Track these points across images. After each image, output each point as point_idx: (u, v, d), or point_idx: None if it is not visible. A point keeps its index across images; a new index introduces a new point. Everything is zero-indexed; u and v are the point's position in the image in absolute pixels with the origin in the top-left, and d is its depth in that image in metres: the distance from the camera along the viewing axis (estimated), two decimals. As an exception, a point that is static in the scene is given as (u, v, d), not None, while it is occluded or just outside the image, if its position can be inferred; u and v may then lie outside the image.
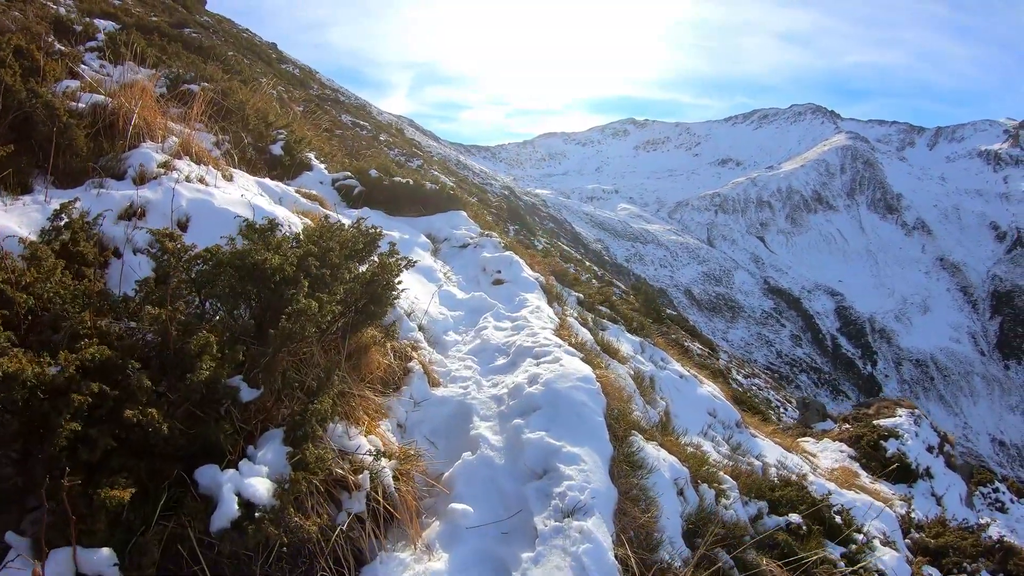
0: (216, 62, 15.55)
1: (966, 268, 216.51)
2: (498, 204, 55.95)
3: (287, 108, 22.40)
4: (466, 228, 13.11)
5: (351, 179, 12.61)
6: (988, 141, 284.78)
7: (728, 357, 52.81)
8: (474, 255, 12.03)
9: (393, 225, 11.69)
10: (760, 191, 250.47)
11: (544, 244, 44.89)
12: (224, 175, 7.76)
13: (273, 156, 11.06)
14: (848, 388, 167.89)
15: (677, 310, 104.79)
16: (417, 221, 12.96)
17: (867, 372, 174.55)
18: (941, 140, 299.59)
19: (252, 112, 11.11)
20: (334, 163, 14.20)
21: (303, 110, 32.08)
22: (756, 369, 65.76)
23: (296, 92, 35.93)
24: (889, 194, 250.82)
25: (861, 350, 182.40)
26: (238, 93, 11.43)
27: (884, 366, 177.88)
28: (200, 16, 36.93)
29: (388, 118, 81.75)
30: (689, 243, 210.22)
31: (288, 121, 12.97)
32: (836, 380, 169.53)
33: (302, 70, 54.85)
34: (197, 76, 11.09)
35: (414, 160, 44.09)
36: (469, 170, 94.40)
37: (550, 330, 8.65)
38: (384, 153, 37.20)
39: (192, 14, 34.47)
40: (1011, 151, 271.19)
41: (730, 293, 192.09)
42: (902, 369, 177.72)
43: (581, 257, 69.18)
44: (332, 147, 17.80)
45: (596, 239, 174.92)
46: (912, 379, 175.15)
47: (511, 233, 40.98)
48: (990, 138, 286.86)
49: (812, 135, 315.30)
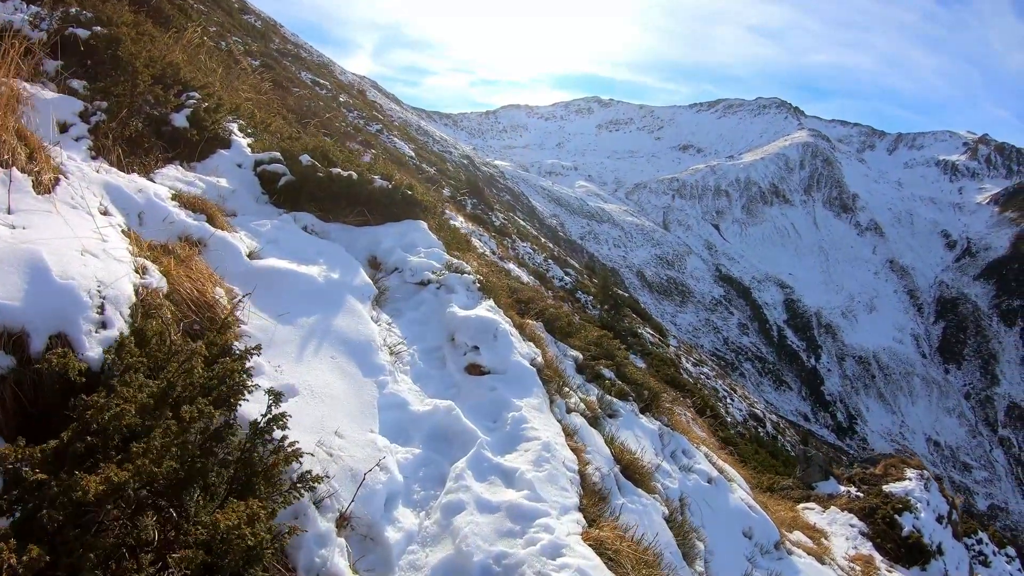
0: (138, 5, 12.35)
1: (915, 272, 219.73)
2: (455, 174, 55.09)
3: (235, 63, 21.17)
4: (426, 249, 9.35)
5: (278, 163, 9.41)
6: (947, 151, 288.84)
7: (677, 343, 52.89)
8: (437, 305, 8.30)
9: (323, 247, 7.99)
10: (719, 179, 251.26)
11: (501, 220, 44.28)
12: (45, 179, 4.85)
13: (175, 129, 8.35)
14: (791, 379, 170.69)
15: (629, 291, 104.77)
16: (359, 233, 9.33)
17: (811, 365, 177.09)
18: (901, 146, 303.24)
19: (145, 67, 8.03)
20: (268, 136, 10.89)
21: (258, 64, 31.21)
22: (703, 356, 66.03)
23: (255, 46, 34.78)
24: (845, 193, 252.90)
25: (806, 343, 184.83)
26: (129, 42, 8.36)
27: (827, 360, 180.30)
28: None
29: (351, 78, 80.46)
30: (644, 225, 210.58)
31: (206, 81, 9.92)
32: (780, 371, 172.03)
33: (265, 23, 53.25)
34: (94, 19, 8.56)
35: (373, 124, 43.17)
36: (430, 136, 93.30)
37: (574, 516, 5.40)
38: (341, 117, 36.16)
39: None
40: (968, 163, 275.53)
41: (682, 278, 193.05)
42: (845, 364, 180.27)
43: (537, 233, 68.65)
44: (274, 112, 15.06)
45: (552, 214, 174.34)
46: (854, 375, 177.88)
47: (468, 207, 40.28)
48: (949, 148, 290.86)
49: (774, 129, 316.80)
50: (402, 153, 40.62)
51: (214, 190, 7.96)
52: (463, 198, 41.71)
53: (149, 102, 8.04)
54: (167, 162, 7.90)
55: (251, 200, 8.77)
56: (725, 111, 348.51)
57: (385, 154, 33.32)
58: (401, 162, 35.64)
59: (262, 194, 9.10)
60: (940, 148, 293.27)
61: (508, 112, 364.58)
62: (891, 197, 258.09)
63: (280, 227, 7.86)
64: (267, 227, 7.69)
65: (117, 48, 8.06)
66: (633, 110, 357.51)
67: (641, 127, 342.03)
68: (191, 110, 8.59)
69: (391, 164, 13.13)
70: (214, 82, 10.38)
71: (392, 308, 8.03)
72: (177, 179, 7.52)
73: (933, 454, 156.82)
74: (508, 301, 10.23)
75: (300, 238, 7.97)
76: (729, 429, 31.34)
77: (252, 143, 9.83)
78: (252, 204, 8.69)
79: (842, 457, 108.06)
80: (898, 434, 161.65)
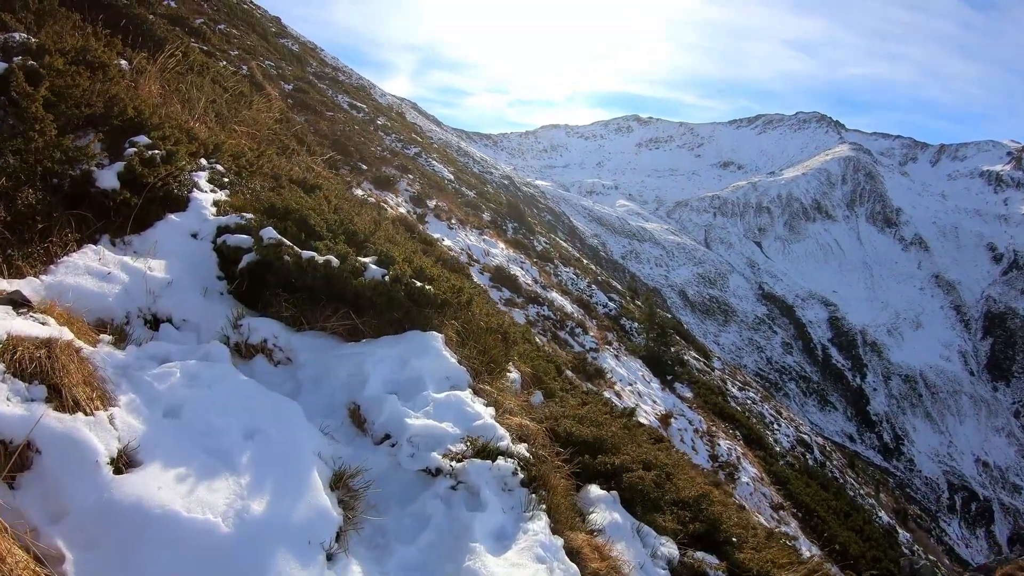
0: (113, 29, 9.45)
1: (961, 287, 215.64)
2: (496, 197, 55.12)
3: (257, 89, 20.89)
4: (438, 394, 5.92)
5: (243, 232, 6.79)
6: (991, 162, 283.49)
7: (721, 364, 52.53)
8: (450, 531, 4.85)
9: (265, 409, 4.81)
10: (760, 196, 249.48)
11: (543, 243, 44.20)
12: None
13: (102, 192, 6.06)
14: (836, 399, 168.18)
15: (671, 311, 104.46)
16: (340, 355, 6.17)
17: (856, 384, 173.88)
18: (944, 157, 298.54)
19: (62, 108, 6.03)
20: (258, 179, 8.54)
21: (291, 88, 31.40)
22: (747, 377, 65.54)
23: (289, 70, 34.98)
24: (889, 208, 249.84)
25: (851, 362, 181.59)
26: (51, 75, 5.95)
27: (873, 379, 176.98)
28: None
29: (390, 100, 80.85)
30: (686, 243, 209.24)
31: (163, 119, 7.41)
32: (824, 390, 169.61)
33: (302, 46, 53.24)
34: (43, 47, 6.30)
35: (411, 147, 43.08)
36: (470, 158, 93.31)
37: None
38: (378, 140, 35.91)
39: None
40: (1013, 173, 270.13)
41: (724, 296, 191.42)
42: (891, 384, 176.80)
43: (579, 255, 68.72)
44: (281, 142, 12.70)
45: (593, 234, 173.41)
46: (900, 394, 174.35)
47: (510, 231, 40.45)
48: (992, 159, 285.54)
49: (815, 143, 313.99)
50: (441, 177, 40.30)
51: (137, 285, 5.64)
52: (504, 222, 41.78)
53: (56, 159, 5.74)
54: (87, 240, 5.81)
55: (197, 292, 6.26)
56: (765, 127, 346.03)
57: (423, 178, 32.88)
58: (440, 186, 35.41)
59: (218, 279, 6.61)
60: (983, 159, 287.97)
61: (547, 132, 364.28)
62: (935, 210, 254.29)
63: (204, 367, 4.97)
64: (179, 374, 4.69)
65: (8, 88, 5.59)
66: (672, 127, 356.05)
67: (681, 144, 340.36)
68: (124, 164, 6.31)
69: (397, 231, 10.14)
70: (172, 119, 8.01)
71: (372, 541, 4.64)
72: (88, 270, 5.37)
73: (982, 475, 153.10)
74: (563, 474, 6.30)
75: (230, 391, 4.88)
76: (778, 459, 30.77)
77: (224, 199, 7.46)
78: (197, 300, 6.18)
79: (889, 480, 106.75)
80: (946, 455, 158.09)
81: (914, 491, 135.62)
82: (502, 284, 24.89)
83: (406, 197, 27.64)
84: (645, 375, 28.66)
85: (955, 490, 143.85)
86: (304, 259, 6.38)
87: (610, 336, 30.31)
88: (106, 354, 4.43)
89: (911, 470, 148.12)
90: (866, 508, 35.76)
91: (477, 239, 28.68)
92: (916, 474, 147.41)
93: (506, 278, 25.54)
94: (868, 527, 30.03)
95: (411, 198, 28.01)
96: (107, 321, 5.34)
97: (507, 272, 26.10)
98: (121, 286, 5.52)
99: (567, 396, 10.36)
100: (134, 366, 4.57)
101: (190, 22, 22.29)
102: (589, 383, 20.73)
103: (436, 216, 27.42)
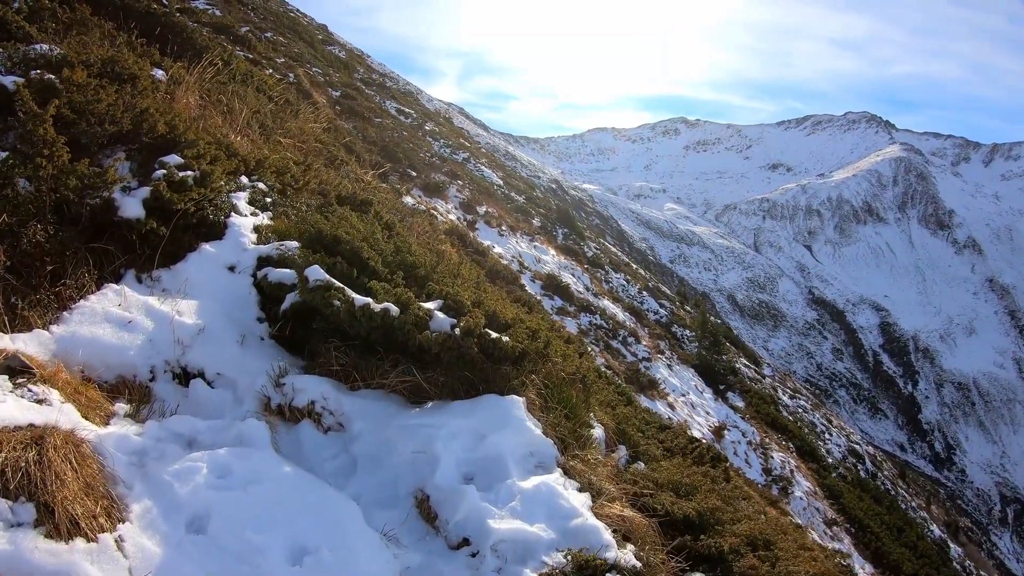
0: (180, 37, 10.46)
1: (1016, 291, 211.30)
2: (545, 202, 54.73)
3: (304, 96, 20.54)
4: (523, 481, 4.94)
5: (286, 266, 5.93)
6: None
7: (771, 371, 51.73)
8: None
9: (307, 511, 3.98)
10: (810, 199, 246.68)
11: (594, 249, 43.70)
12: None
13: (125, 223, 5.32)
14: (887, 407, 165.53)
15: (720, 317, 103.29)
16: (402, 426, 5.13)
17: (908, 392, 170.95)
18: (997, 157, 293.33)
19: (76, 130, 5.35)
20: (305, 195, 7.83)
21: (338, 95, 31.25)
22: (797, 384, 64.57)
23: (337, 76, 34.92)
24: (941, 209, 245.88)
25: (903, 368, 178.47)
26: (69, 91, 5.29)
27: (925, 387, 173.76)
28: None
29: (438, 105, 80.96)
30: (735, 247, 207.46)
31: (197, 135, 6.51)
32: (875, 398, 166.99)
33: (349, 53, 53.58)
34: (64, 59, 5.76)
35: (460, 153, 42.89)
36: (518, 162, 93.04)
37: None
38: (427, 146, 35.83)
39: (236, -11, 33.38)
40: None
41: (773, 301, 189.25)
42: (943, 391, 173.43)
43: (628, 260, 68.07)
44: (334, 151, 12.13)
45: (641, 238, 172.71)
46: (952, 402, 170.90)
47: (560, 237, 39.97)
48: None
49: (865, 144, 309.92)
50: (490, 182, 40.08)
51: (163, 332, 4.92)
52: (554, 228, 41.42)
53: (72, 186, 4.95)
54: (109, 278, 5.13)
55: (234, 340, 5.43)
56: (814, 127, 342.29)
57: (472, 184, 32.68)
58: (489, 192, 35.22)
59: (258, 321, 5.77)
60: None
61: (595, 135, 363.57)
62: (989, 212, 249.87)
63: (238, 457, 4.10)
64: (206, 470, 3.84)
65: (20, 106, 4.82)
66: (720, 129, 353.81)
67: (729, 147, 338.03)
68: (150, 189, 5.49)
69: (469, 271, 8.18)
70: (225, 130, 7.43)
71: None
72: (107, 316, 4.69)
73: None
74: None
75: (270, 493, 4.00)
76: (831, 472, 30.43)
77: (267, 223, 6.64)
78: (233, 349, 5.35)
79: (940, 491, 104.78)
80: (999, 465, 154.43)
81: (965, 503, 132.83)
82: (554, 293, 24.68)
83: (456, 203, 27.42)
84: (698, 385, 28.33)
85: (1007, 502, 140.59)
86: (357, 306, 5.37)
87: (662, 344, 29.89)
88: (119, 438, 3.59)
89: (962, 481, 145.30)
90: (918, 522, 34.90)
91: (528, 246, 28.38)
92: (967, 485, 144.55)
93: (558, 286, 25.37)
94: (921, 542, 29.52)
95: (461, 204, 27.78)
96: (128, 379, 4.52)
97: (559, 280, 25.90)
98: (144, 335, 4.77)
99: (650, 444, 9.34)
100: (153, 453, 3.73)
101: (235, 30, 22.12)
102: (643, 394, 20.66)
103: (486, 223, 27.16)
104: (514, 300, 13.66)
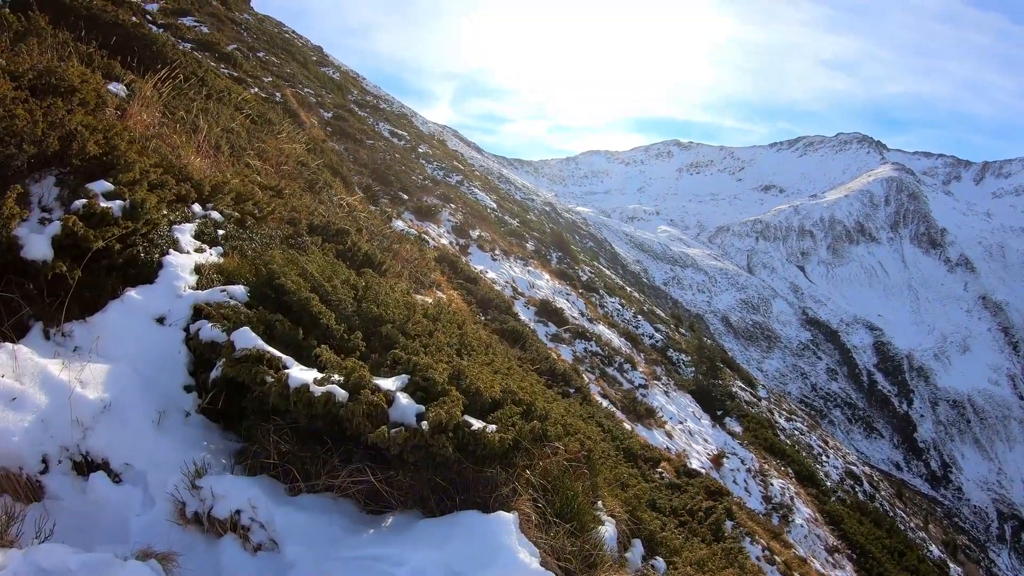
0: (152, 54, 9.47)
1: (1009, 308, 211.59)
2: (539, 225, 54.74)
3: (290, 116, 20.34)
4: None
5: (224, 321, 4.81)
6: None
7: (767, 392, 51.59)
8: None
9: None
10: (803, 219, 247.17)
11: (588, 273, 43.60)
12: None
13: (32, 266, 4.52)
14: (882, 426, 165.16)
15: (714, 338, 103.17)
16: (350, 559, 3.81)
17: (902, 411, 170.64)
18: (988, 175, 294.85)
19: None
20: (269, 227, 6.96)
21: (331, 117, 31.00)
22: (793, 405, 64.42)
23: (329, 98, 34.89)
24: (933, 228, 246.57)
25: (898, 387, 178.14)
26: None
27: (920, 405, 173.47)
28: (240, 13, 35.78)
29: (432, 128, 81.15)
30: (728, 269, 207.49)
31: (137, 157, 5.65)
32: (870, 417, 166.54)
33: (344, 74, 53.66)
34: None
35: (453, 175, 42.85)
36: (512, 184, 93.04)
37: None
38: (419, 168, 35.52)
39: (231, 11, 33.33)
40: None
41: (767, 322, 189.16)
42: (938, 409, 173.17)
43: (623, 283, 67.99)
44: (312, 172, 11.28)
45: (635, 260, 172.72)
46: (948, 420, 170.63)
47: (554, 261, 39.91)
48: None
49: (857, 165, 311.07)
50: (483, 205, 39.96)
51: (60, 410, 3.99)
52: (548, 251, 41.36)
53: None
54: (11, 333, 4.35)
55: (148, 419, 4.34)
56: (806, 149, 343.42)
57: (465, 207, 32.43)
58: (482, 216, 35.08)
59: (185, 390, 4.68)
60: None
61: (588, 158, 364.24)
62: (980, 230, 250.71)
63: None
64: None
65: None
66: (713, 152, 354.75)
67: (722, 169, 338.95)
68: (60, 224, 4.60)
69: (448, 326, 6.46)
70: (188, 149, 6.61)
71: None
72: None
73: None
74: None
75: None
76: (830, 496, 30.27)
77: (212, 262, 5.69)
78: (146, 432, 4.28)
79: (937, 510, 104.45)
80: (995, 482, 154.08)
81: (962, 520, 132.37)
82: (548, 318, 24.38)
83: (448, 227, 27.29)
84: (695, 411, 28.09)
85: (1005, 519, 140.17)
86: (292, 388, 4.14)
87: (658, 370, 29.66)
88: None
89: (959, 499, 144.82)
90: (917, 543, 34.73)
91: (522, 270, 28.22)
92: (964, 503, 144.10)
93: (552, 312, 25.03)
94: (923, 565, 29.26)
95: (453, 228, 27.65)
96: (13, 472, 3.77)
97: (553, 305, 25.60)
98: (35, 414, 3.86)
99: (667, 526, 8.40)
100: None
101: (220, 47, 21.94)
102: (640, 424, 20.43)
103: (479, 247, 27.00)
104: (505, 333, 13.14)
